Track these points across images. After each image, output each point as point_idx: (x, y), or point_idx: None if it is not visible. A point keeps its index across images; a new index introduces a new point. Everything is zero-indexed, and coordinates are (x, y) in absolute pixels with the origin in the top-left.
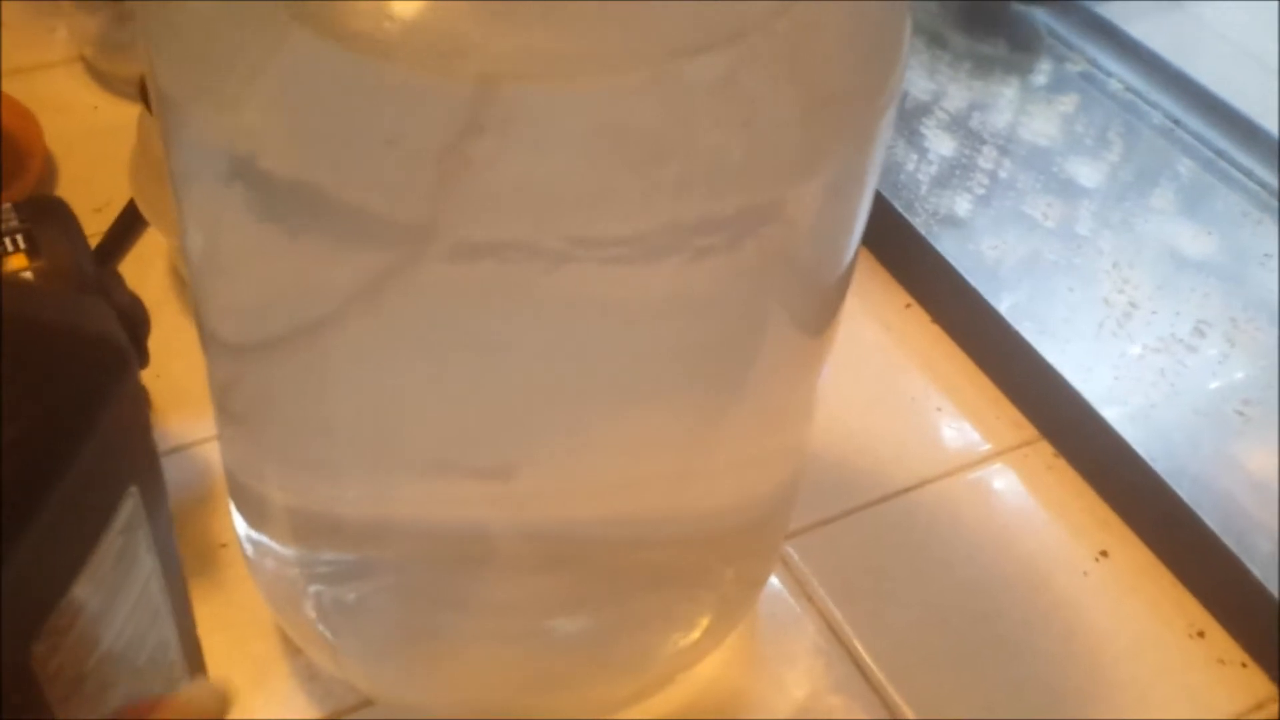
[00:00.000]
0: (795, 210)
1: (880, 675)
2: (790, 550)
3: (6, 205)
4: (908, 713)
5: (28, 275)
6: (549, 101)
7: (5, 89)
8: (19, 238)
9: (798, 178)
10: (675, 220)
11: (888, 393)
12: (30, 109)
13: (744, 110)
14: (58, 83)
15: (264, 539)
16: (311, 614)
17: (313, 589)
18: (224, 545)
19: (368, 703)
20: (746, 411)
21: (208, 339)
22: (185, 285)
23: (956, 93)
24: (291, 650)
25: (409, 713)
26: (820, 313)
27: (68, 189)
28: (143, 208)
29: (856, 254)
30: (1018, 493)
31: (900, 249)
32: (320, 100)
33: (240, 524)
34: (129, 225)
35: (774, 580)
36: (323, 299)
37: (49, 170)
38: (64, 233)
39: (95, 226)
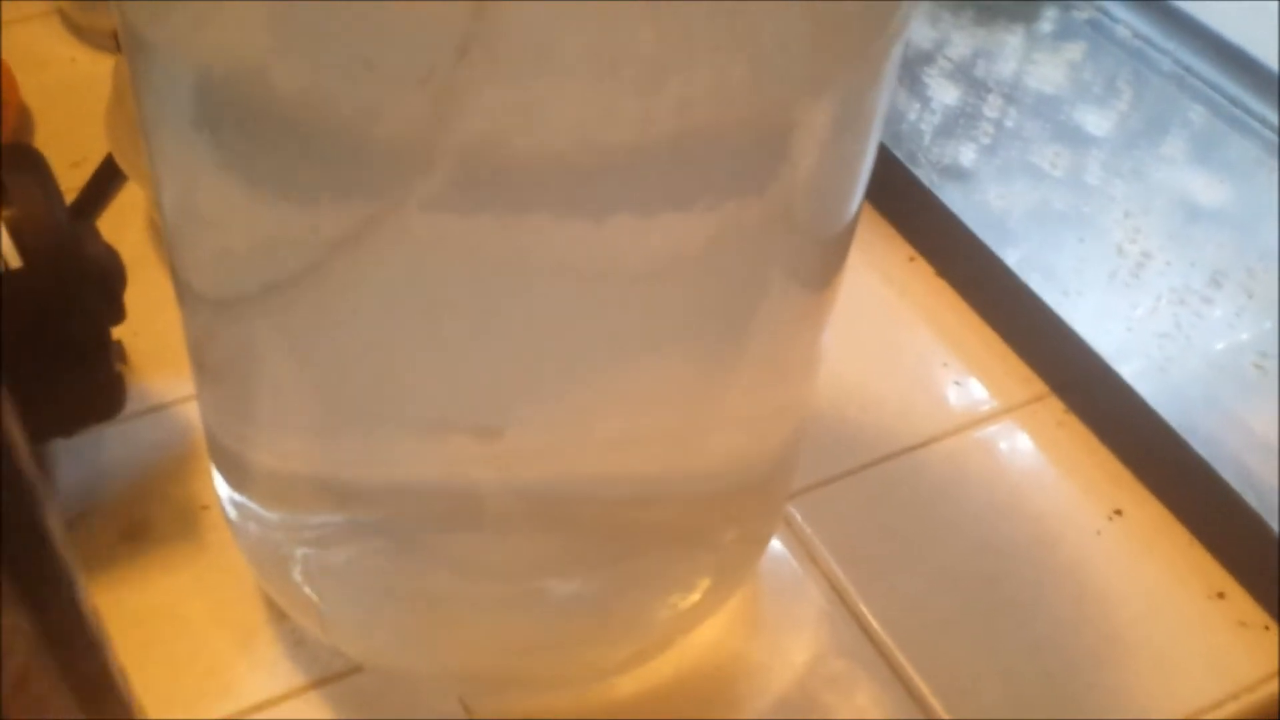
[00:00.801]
0: (800, 146)
1: (886, 638)
2: (793, 510)
3: None
4: (915, 676)
5: (9, 216)
6: (539, 21)
7: None
8: None
9: (803, 99)
10: (673, 149)
11: (891, 349)
12: (5, 62)
13: (746, 29)
14: (34, 35)
15: (247, 502)
16: (298, 578)
17: (299, 552)
18: (206, 508)
19: (356, 669)
20: (747, 368)
21: (184, 293)
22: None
23: (960, 40)
24: (277, 615)
25: (399, 678)
26: (824, 266)
27: (45, 143)
28: (120, 160)
29: (861, 205)
30: (1027, 450)
31: (903, 201)
32: (294, 21)
33: (222, 486)
34: (107, 179)
35: (776, 542)
36: (304, 248)
37: (25, 124)
38: (37, 181)
39: (73, 181)
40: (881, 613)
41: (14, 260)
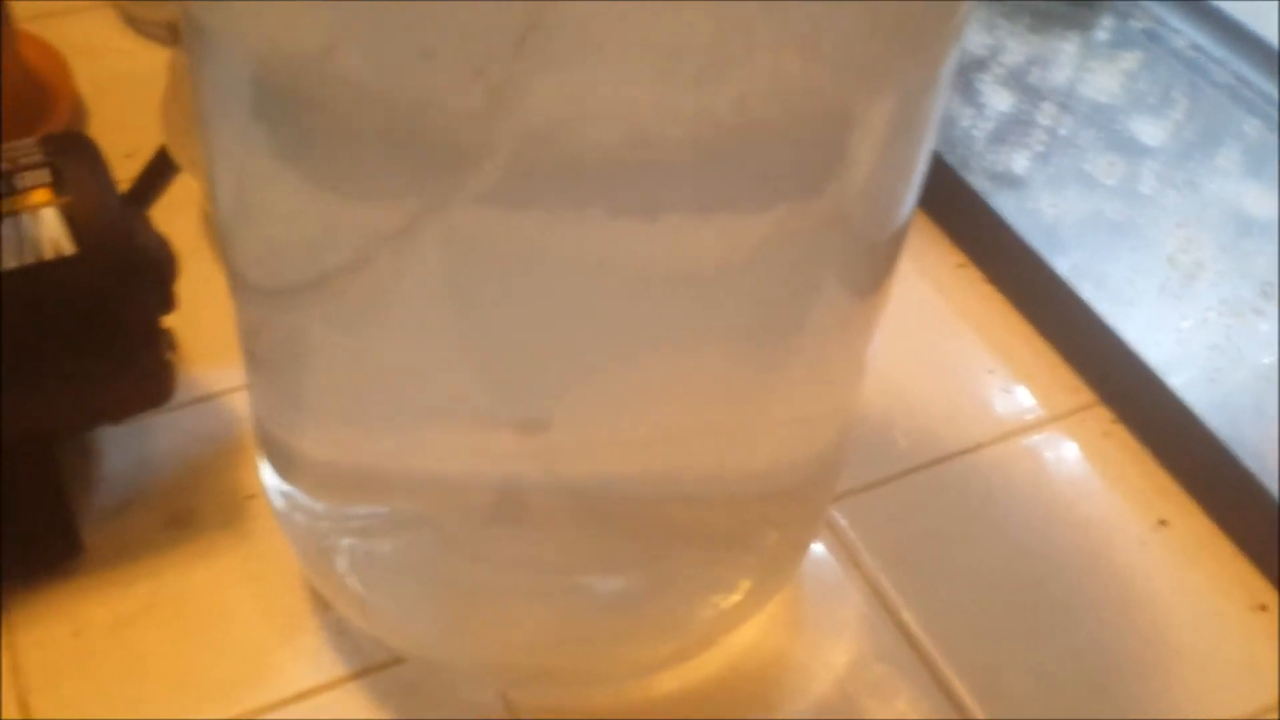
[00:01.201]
0: (856, 146)
1: (927, 643)
2: (836, 514)
3: (31, 139)
4: (956, 682)
5: (53, 210)
6: (597, 13)
7: (35, 31)
8: (44, 171)
9: (861, 97)
10: (728, 147)
11: (939, 355)
12: (60, 51)
13: (805, 24)
14: (88, 26)
15: (294, 491)
16: (342, 568)
17: (344, 542)
18: (251, 497)
19: (398, 660)
20: (794, 371)
21: (236, 283)
22: (215, 234)
23: (1015, 47)
24: (320, 605)
25: (440, 670)
26: (875, 271)
27: (98, 134)
28: (174, 152)
29: (914, 210)
30: (1074, 459)
31: (954, 207)
32: (354, 9)
33: (269, 476)
34: (159, 171)
35: (819, 545)
36: (355, 240)
37: (78, 114)
38: (90, 169)
39: (126, 172)
40: (923, 617)
41: (66, 247)
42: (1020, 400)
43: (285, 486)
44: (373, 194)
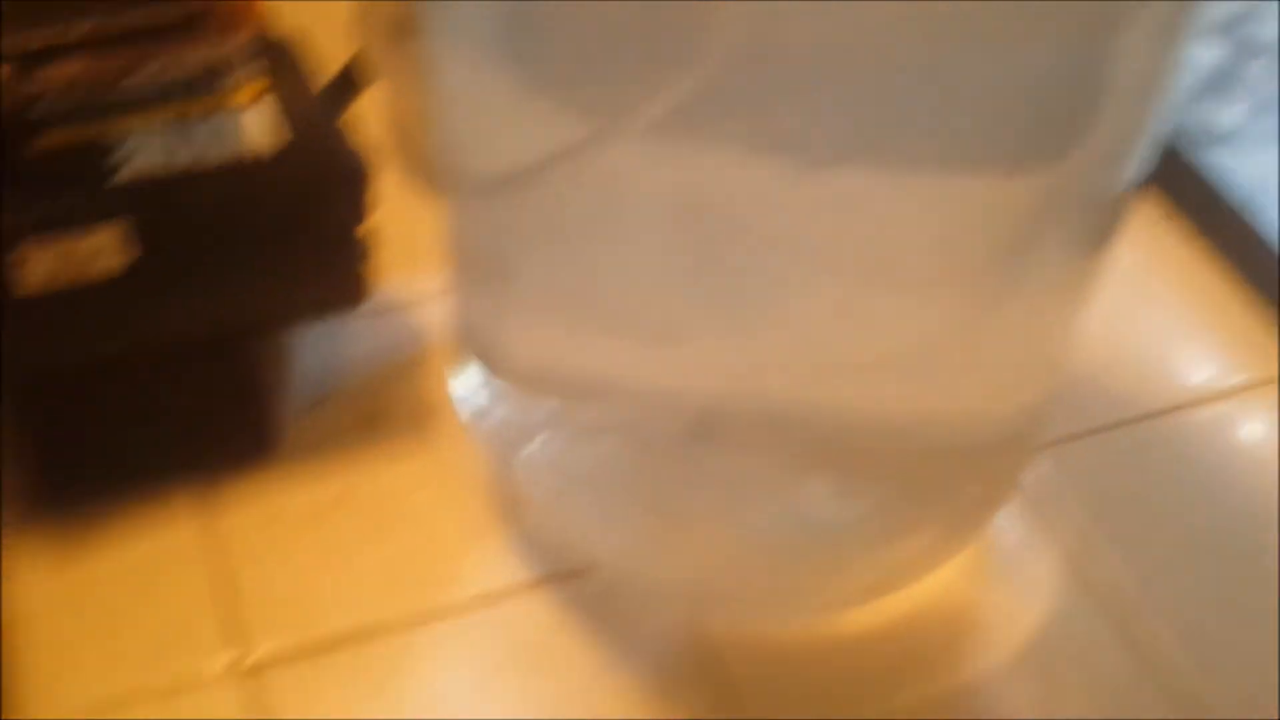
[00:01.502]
0: (1109, 92)
1: (1121, 605)
2: (1036, 465)
3: (236, 43)
4: (1151, 644)
5: (257, 110)
6: None
7: None
8: (248, 72)
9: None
10: (965, 84)
11: (1141, 310)
12: None
13: None
14: None
15: (495, 390)
16: (538, 471)
17: (542, 446)
18: (437, 405)
19: (582, 571)
20: (1006, 323)
21: (456, 185)
22: (405, 147)
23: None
24: (504, 512)
25: (625, 583)
26: (1101, 229)
27: None
28: (371, 62)
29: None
30: None
31: (1161, 160)
32: None
33: (465, 380)
34: (350, 82)
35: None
36: (574, 144)
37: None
38: (293, 73)
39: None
40: (1116, 578)
41: (269, 147)
42: (1227, 361)
43: (487, 386)
44: (597, 97)
